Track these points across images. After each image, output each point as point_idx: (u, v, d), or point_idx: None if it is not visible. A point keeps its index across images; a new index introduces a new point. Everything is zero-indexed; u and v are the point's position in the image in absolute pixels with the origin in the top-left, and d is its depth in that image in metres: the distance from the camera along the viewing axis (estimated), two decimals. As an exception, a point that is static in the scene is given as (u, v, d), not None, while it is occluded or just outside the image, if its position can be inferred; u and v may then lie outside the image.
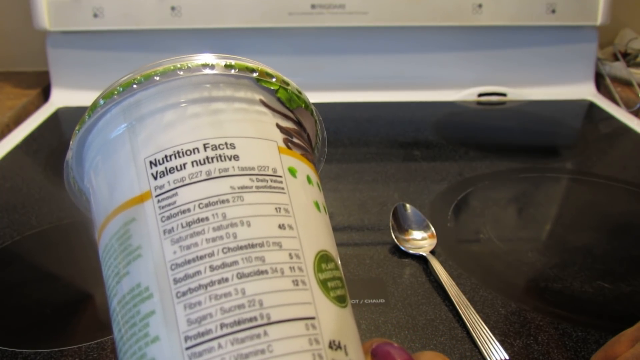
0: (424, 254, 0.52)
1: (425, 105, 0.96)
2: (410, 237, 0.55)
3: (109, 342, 0.43)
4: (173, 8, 0.90)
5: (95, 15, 0.90)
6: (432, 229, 0.55)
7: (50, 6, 0.90)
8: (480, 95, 0.99)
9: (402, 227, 0.55)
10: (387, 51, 0.99)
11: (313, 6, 0.92)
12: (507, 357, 0.41)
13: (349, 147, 0.80)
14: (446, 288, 0.47)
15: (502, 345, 0.41)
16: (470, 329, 0.43)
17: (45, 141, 0.82)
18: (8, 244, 0.56)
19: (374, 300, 0.47)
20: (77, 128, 0.24)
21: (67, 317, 0.47)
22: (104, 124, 0.23)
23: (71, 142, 0.24)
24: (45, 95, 0.99)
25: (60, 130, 0.88)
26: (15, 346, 0.43)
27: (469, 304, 0.45)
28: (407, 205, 0.57)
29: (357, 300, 0.47)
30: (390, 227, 0.55)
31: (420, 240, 0.54)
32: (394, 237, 0.54)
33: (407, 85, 0.99)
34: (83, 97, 0.90)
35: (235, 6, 0.91)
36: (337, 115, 0.91)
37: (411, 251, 0.53)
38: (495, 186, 0.69)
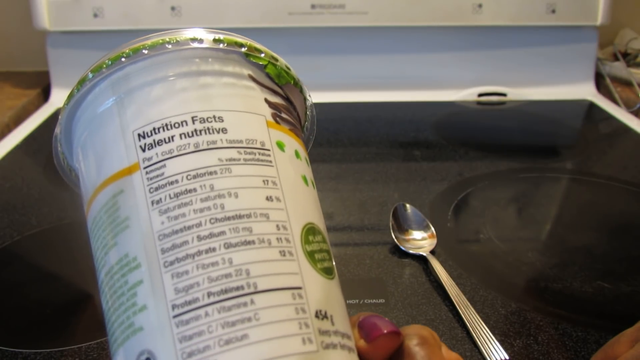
0: (424, 254, 0.52)
1: (425, 105, 0.96)
2: (410, 237, 0.55)
3: (109, 342, 0.43)
4: (173, 8, 0.90)
5: (95, 15, 0.90)
6: (432, 229, 0.55)
7: (50, 6, 0.90)
8: (480, 95, 0.99)
9: (402, 227, 0.55)
10: (387, 51, 0.99)
11: (313, 6, 0.92)
12: (507, 357, 0.40)
13: (349, 147, 0.80)
14: (446, 288, 0.47)
15: (502, 345, 0.41)
16: (470, 329, 0.43)
17: (45, 141, 0.82)
18: (8, 244, 0.56)
19: (374, 300, 0.47)
20: (65, 102, 0.24)
21: (67, 317, 0.47)
22: (92, 98, 0.23)
23: (60, 116, 0.24)
24: (45, 95, 0.99)
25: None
26: (15, 346, 0.43)
27: (469, 304, 0.45)
28: (407, 205, 0.57)
29: (357, 300, 0.47)
30: (390, 227, 0.55)
31: (420, 240, 0.54)
32: (394, 237, 0.54)
33: (407, 85, 0.99)
34: (83, 97, 0.90)
35: (235, 6, 0.91)
36: (337, 115, 0.91)
37: (411, 251, 0.53)
38: (495, 186, 0.69)
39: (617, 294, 0.49)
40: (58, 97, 0.95)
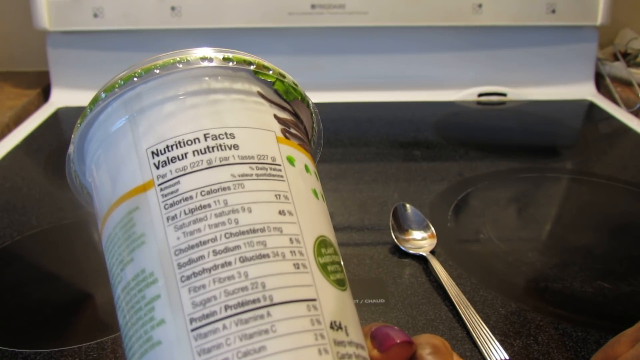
0: (424, 254, 0.52)
1: (425, 105, 0.96)
2: (410, 237, 0.55)
3: (109, 342, 0.43)
4: (173, 8, 0.90)
5: (95, 15, 0.90)
6: (432, 229, 0.55)
7: (50, 6, 0.90)
8: (480, 95, 0.99)
9: (402, 227, 0.55)
10: (387, 51, 0.99)
11: (313, 6, 0.92)
12: (507, 357, 0.40)
13: (349, 147, 0.80)
14: (446, 288, 0.47)
15: (502, 345, 0.41)
16: (470, 329, 0.43)
17: (45, 141, 0.82)
18: (8, 244, 0.56)
19: (374, 300, 0.47)
20: (78, 122, 0.24)
21: (67, 317, 0.47)
22: (105, 117, 0.24)
23: (73, 136, 0.25)
24: (45, 95, 0.99)
25: (60, 130, 0.88)
26: (15, 346, 0.43)
27: (469, 304, 0.45)
28: (407, 205, 0.57)
29: (357, 300, 0.47)
30: (390, 227, 0.55)
31: (420, 240, 0.54)
32: (394, 237, 0.54)
33: (407, 85, 0.99)
34: (83, 97, 0.90)
35: (235, 6, 0.91)
36: (337, 115, 0.91)
37: (411, 251, 0.53)
38: (495, 186, 0.69)
39: (617, 294, 0.49)
40: (58, 97, 0.95)
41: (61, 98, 0.95)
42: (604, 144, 0.85)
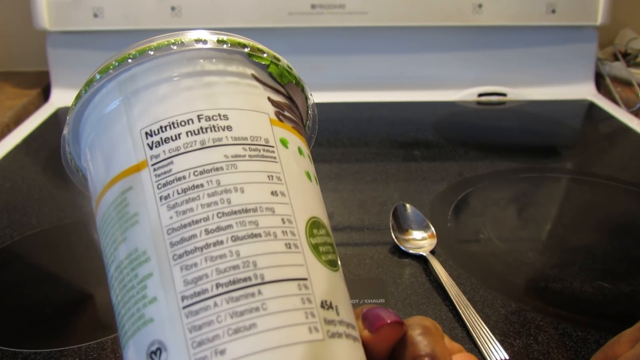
0: (424, 254, 0.52)
1: (425, 105, 0.96)
2: (410, 237, 0.55)
3: (108, 342, 0.43)
4: (173, 8, 0.90)
5: (95, 15, 0.90)
6: (432, 229, 0.55)
7: (50, 6, 0.90)
8: (480, 95, 0.99)
9: (402, 227, 0.55)
10: (387, 51, 0.99)
11: (313, 6, 0.92)
12: (507, 357, 0.41)
13: (349, 147, 0.80)
14: (446, 288, 0.47)
15: (502, 345, 0.41)
16: (470, 329, 0.43)
17: (45, 141, 0.82)
18: (8, 244, 0.56)
19: (374, 300, 0.47)
20: (73, 103, 0.25)
21: (67, 317, 0.47)
22: (100, 99, 0.24)
23: (67, 117, 0.25)
24: (45, 95, 0.99)
25: (60, 130, 0.88)
26: (15, 346, 0.43)
27: (469, 304, 0.45)
28: (407, 205, 0.57)
29: (357, 300, 0.47)
30: (390, 227, 0.55)
31: (420, 240, 0.54)
32: (394, 237, 0.54)
33: (407, 85, 0.99)
34: (83, 97, 0.90)
35: (235, 6, 0.91)
36: (337, 115, 0.91)
37: (411, 251, 0.53)
38: (495, 186, 0.69)
39: (617, 294, 0.49)
40: (58, 97, 0.95)
41: (61, 98, 0.95)
42: (604, 144, 0.85)
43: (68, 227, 0.60)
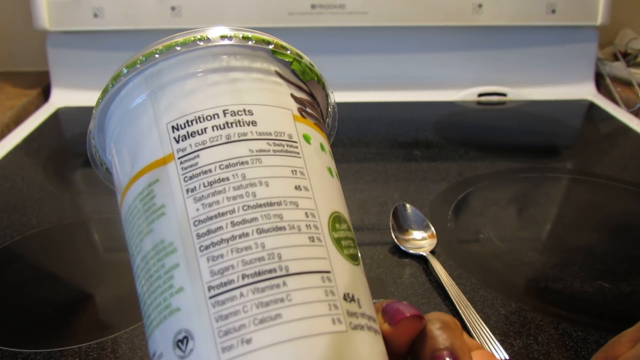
0: (424, 254, 0.52)
1: (425, 105, 0.96)
2: (410, 237, 0.55)
3: (109, 342, 0.43)
4: (173, 8, 0.90)
5: (95, 15, 0.90)
6: (432, 229, 0.55)
7: (50, 6, 0.90)
8: (480, 95, 0.99)
9: (402, 227, 0.55)
10: (387, 51, 0.99)
11: (313, 6, 0.92)
12: (507, 357, 0.41)
13: (349, 147, 0.80)
14: (446, 288, 0.47)
15: (502, 345, 0.41)
16: (470, 329, 0.43)
17: (45, 141, 0.82)
18: (8, 244, 0.56)
19: (374, 300, 0.47)
20: (99, 97, 0.25)
21: (67, 317, 0.47)
22: (126, 93, 0.24)
23: (94, 111, 0.25)
24: (45, 95, 0.99)
25: (60, 130, 0.88)
26: (15, 346, 0.43)
27: (469, 304, 0.45)
28: (407, 205, 0.57)
29: (357, 300, 0.47)
30: (390, 227, 0.55)
31: (420, 240, 0.54)
32: (394, 237, 0.54)
33: (407, 85, 0.99)
34: (83, 97, 0.90)
35: (235, 6, 0.91)
36: (337, 115, 0.91)
37: (411, 251, 0.53)
38: (495, 186, 0.69)
39: (617, 294, 0.49)
40: (58, 97, 0.95)
41: (61, 98, 0.95)
42: (604, 144, 0.85)
43: (68, 227, 0.60)
